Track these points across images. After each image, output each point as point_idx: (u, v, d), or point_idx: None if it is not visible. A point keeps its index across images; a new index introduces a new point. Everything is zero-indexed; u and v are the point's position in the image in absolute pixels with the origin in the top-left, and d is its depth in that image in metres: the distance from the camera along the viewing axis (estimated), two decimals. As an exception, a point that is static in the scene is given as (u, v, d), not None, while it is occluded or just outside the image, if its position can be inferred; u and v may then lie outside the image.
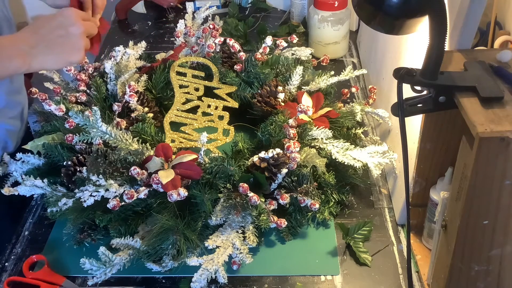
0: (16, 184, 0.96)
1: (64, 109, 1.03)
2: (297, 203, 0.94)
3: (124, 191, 0.87)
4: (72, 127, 0.99)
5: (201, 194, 0.90)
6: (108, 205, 0.86)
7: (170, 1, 1.72)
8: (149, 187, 0.90)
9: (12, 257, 0.95)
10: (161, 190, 0.90)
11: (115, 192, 0.88)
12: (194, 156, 0.94)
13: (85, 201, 0.86)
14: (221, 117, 1.11)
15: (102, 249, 0.85)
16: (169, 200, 0.88)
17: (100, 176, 0.88)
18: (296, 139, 0.97)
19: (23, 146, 1.03)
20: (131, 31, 1.68)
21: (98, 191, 0.87)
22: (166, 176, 0.90)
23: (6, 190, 0.92)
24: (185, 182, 0.92)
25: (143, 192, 0.89)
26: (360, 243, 0.93)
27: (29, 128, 1.27)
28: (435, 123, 0.79)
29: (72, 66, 1.12)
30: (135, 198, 0.87)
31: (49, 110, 1.03)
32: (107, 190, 0.87)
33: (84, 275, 0.90)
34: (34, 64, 0.84)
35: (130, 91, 1.07)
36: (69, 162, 0.96)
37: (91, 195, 0.86)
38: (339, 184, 1.01)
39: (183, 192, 0.88)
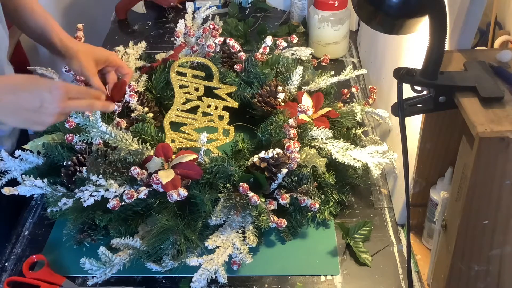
0: (13, 182, 0.96)
1: (64, 109, 1.03)
2: (297, 203, 0.94)
3: (124, 191, 0.87)
4: (72, 127, 1.00)
5: (201, 194, 0.90)
6: (108, 205, 0.86)
7: (170, 1, 1.72)
8: (149, 187, 0.90)
9: (12, 257, 0.95)
10: (161, 190, 0.90)
11: (115, 192, 0.88)
12: (194, 156, 0.94)
13: (85, 201, 0.86)
14: (221, 117, 1.11)
15: (102, 249, 0.85)
16: (169, 200, 0.88)
17: (100, 176, 0.88)
18: (296, 139, 0.97)
19: (23, 146, 1.03)
20: (131, 31, 1.68)
21: (98, 191, 0.87)
22: (166, 176, 0.90)
23: (6, 190, 0.92)
24: (185, 182, 0.92)
25: (143, 192, 0.89)
26: (360, 243, 0.93)
27: (26, 130, 1.26)
28: (435, 123, 0.79)
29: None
30: (135, 198, 0.87)
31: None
32: (107, 190, 0.87)
33: (84, 275, 0.90)
34: None
35: (130, 91, 1.07)
36: (69, 162, 0.96)
37: (91, 195, 0.86)
38: (339, 184, 1.01)
39: (183, 192, 0.88)
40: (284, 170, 0.92)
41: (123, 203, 0.87)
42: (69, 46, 1.07)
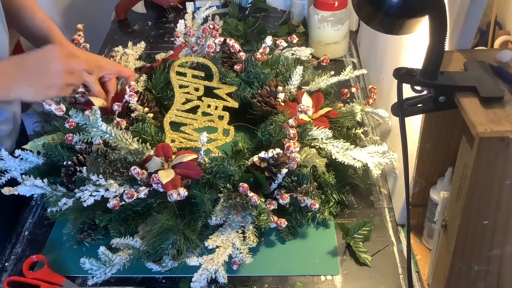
0: (13, 181, 0.96)
1: (64, 109, 1.02)
2: (297, 203, 0.94)
3: (124, 190, 0.87)
4: (72, 127, 0.99)
5: (201, 194, 0.90)
6: (108, 205, 0.86)
7: (170, 1, 1.72)
8: (149, 187, 0.90)
9: (12, 257, 0.95)
10: (161, 190, 0.90)
11: (115, 192, 0.88)
12: (194, 156, 0.94)
13: (85, 201, 0.86)
14: (221, 117, 1.11)
15: (102, 249, 0.85)
16: (169, 200, 0.88)
17: (100, 176, 0.88)
18: (296, 139, 0.97)
19: (23, 146, 1.02)
20: (131, 31, 1.68)
21: (98, 191, 0.87)
22: (166, 176, 0.90)
23: (6, 190, 0.92)
24: (185, 182, 0.92)
25: (143, 192, 0.89)
26: (360, 243, 0.93)
27: (24, 130, 1.26)
28: (435, 123, 0.79)
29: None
30: (135, 197, 0.87)
31: (49, 110, 1.03)
32: (107, 190, 0.87)
33: (84, 275, 0.90)
34: (12, 93, 0.89)
35: (130, 91, 1.07)
36: (69, 162, 0.96)
37: (91, 195, 0.86)
38: (339, 184, 1.01)
39: (183, 192, 0.88)
40: (284, 170, 0.92)
41: (123, 203, 0.87)
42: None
